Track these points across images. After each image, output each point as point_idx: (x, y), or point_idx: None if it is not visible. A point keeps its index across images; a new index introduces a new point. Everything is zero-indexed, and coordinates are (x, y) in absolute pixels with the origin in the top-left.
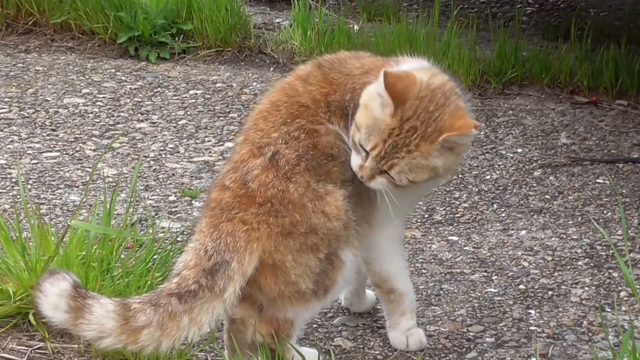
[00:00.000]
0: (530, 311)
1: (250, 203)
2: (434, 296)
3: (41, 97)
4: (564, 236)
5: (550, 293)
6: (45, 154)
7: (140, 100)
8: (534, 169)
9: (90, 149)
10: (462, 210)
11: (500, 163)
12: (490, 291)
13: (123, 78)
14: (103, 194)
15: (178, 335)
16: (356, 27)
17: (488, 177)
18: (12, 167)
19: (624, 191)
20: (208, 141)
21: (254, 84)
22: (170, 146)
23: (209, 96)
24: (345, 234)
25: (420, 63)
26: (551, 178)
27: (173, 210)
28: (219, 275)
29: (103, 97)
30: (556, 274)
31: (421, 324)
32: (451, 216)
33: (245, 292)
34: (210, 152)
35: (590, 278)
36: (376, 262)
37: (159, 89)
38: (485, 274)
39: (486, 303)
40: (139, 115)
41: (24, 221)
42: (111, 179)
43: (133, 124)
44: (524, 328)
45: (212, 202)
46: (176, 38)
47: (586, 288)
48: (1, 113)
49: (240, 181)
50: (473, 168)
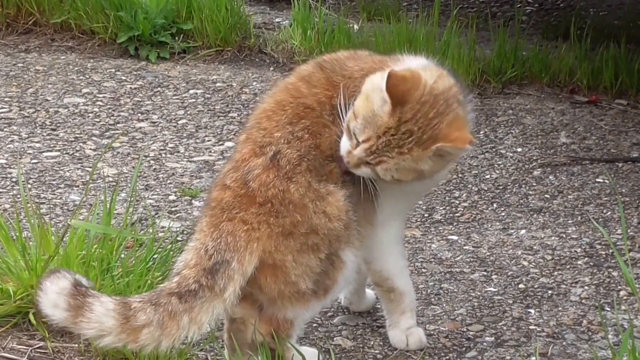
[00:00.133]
0: (530, 310)
1: (250, 203)
2: (434, 295)
3: (41, 97)
4: (564, 235)
5: (550, 292)
6: (45, 154)
7: (140, 99)
8: (534, 169)
9: (90, 149)
10: (462, 209)
11: (500, 162)
12: (490, 290)
13: (123, 78)
14: (103, 194)
15: (178, 334)
16: (356, 27)
17: (488, 177)
18: (13, 167)
19: (624, 190)
20: (208, 141)
21: (254, 84)
22: (170, 146)
23: (209, 96)
24: (346, 234)
25: (423, 61)
26: (551, 177)
27: (173, 209)
28: (219, 274)
29: (103, 97)
30: (556, 273)
31: (421, 323)
32: (451, 215)
33: (245, 292)
34: (210, 152)
35: (589, 277)
36: (376, 261)
37: (159, 89)
38: (485, 273)
39: (486, 302)
40: (139, 114)
41: (24, 221)
42: (111, 179)
43: (133, 124)
44: (524, 327)
45: (213, 202)
46: (176, 38)
47: (586, 287)
48: (1, 113)
49: (241, 181)
50: (473, 167)
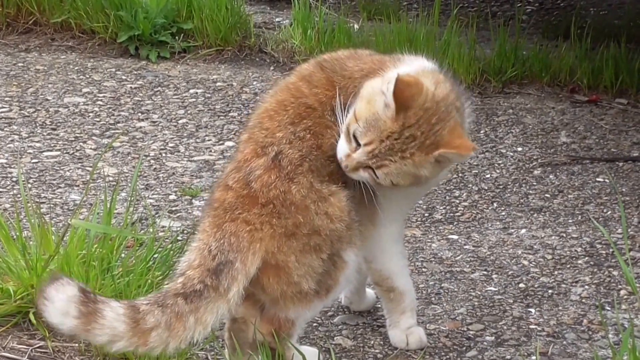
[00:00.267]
0: (530, 310)
1: (253, 203)
2: (434, 295)
3: (41, 96)
4: (564, 235)
5: (550, 291)
6: (45, 153)
7: (140, 99)
8: (534, 168)
9: (90, 148)
10: (462, 209)
11: (500, 162)
12: (490, 290)
13: (123, 77)
14: (103, 193)
15: (185, 335)
16: (356, 26)
17: (488, 176)
18: (13, 166)
19: (624, 190)
20: (208, 140)
21: (254, 83)
22: (170, 145)
23: (209, 95)
24: (348, 235)
25: (421, 63)
26: (551, 177)
27: (173, 209)
28: (223, 275)
29: (103, 96)
30: (556, 273)
31: (421, 323)
32: (451, 215)
33: (247, 292)
34: (210, 151)
35: (590, 276)
36: (377, 261)
37: (159, 88)
38: (485, 273)
39: (486, 302)
40: (140, 114)
41: (25, 220)
42: (111, 178)
43: (133, 123)
44: (524, 326)
45: (216, 202)
46: (176, 37)
47: (586, 286)
48: (2, 112)
49: (243, 181)
50: (473, 167)
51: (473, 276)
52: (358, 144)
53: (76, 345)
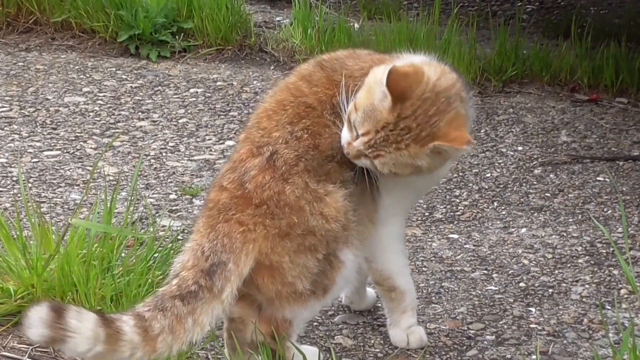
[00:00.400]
0: (530, 309)
1: (246, 204)
2: (435, 294)
3: (42, 96)
4: (565, 234)
5: (550, 291)
6: (45, 153)
7: (140, 98)
8: (535, 167)
9: (90, 148)
10: (463, 208)
11: (500, 161)
12: (490, 289)
13: (124, 76)
14: (104, 193)
15: (185, 337)
16: (356, 26)
17: (488, 175)
18: (13, 166)
19: (624, 189)
20: (209, 139)
21: (255, 83)
22: (170, 144)
23: (210, 94)
24: (344, 235)
25: (423, 59)
26: (551, 176)
27: (174, 208)
28: (217, 276)
29: (104, 96)
30: (556, 272)
31: (422, 322)
32: (452, 214)
33: (243, 292)
34: (210, 151)
35: (590, 276)
36: (377, 260)
37: (160, 88)
38: (485, 272)
39: (486, 301)
40: (140, 113)
41: (25, 220)
42: (112, 178)
43: (134, 123)
44: (525, 326)
45: (210, 202)
46: (177, 36)
47: (586, 286)
48: (2, 112)
49: (237, 182)
50: (473, 166)
51: (473, 275)
52: (358, 133)
53: None
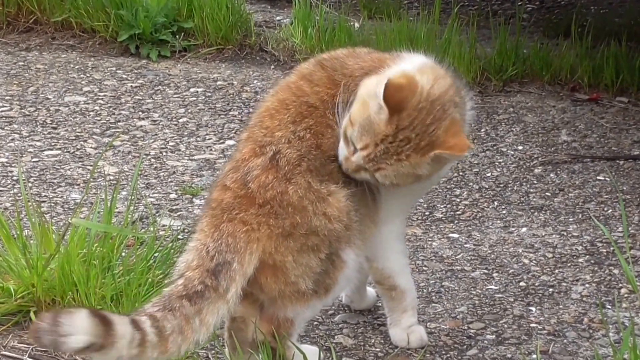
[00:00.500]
0: (530, 308)
1: (250, 204)
2: (435, 293)
3: (42, 95)
4: (565, 233)
5: (550, 290)
6: (46, 152)
7: (141, 98)
8: (535, 166)
9: (91, 147)
10: (463, 207)
11: (500, 160)
12: (490, 288)
13: (124, 76)
14: (104, 192)
15: (193, 338)
16: (357, 25)
17: (489, 175)
18: (13, 165)
19: (625, 188)
20: (209, 139)
21: (255, 82)
22: (171, 144)
23: (210, 94)
24: (346, 235)
25: (421, 60)
26: (552, 175)
27: (174, 208)
28: (222, 275)
29: (104, 95)
30: (557, 271)
31: (422, 321)
32: (452, 213)
33: (245, 291)
34: (211, 150)
35: (590, 275)
36: (378, 260)
37: (160, 87)
38: (485, 271)
39: (487, 300)
40: (140, 113)
41: (25, 219)
42: (112, 177)
43: (134, 122)
44: (525, 325)
45: (213, 202)
46: (177, 36)
47: (587, 285)
48: (2, 111)
49: (240, 181)
50: (474, 165)
51: (474, 275)
52: (355, 148)
53: None
